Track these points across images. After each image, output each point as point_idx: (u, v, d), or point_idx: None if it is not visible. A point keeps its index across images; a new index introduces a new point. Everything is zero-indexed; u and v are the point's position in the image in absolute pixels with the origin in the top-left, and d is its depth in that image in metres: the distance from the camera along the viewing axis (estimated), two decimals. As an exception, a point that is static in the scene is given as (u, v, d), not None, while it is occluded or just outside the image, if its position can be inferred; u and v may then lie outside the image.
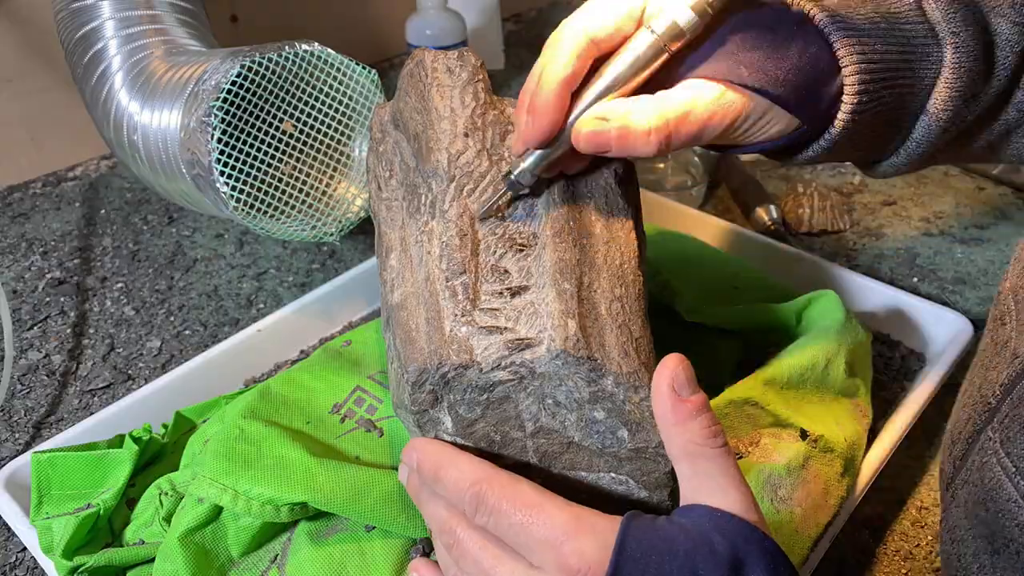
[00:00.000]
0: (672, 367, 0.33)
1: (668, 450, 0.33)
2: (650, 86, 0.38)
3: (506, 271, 0.38)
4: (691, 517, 0.31)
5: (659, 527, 0.31)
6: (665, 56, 0.37)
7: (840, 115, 0.40)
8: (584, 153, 0.38)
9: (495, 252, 0.39)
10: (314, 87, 0.58)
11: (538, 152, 0.38)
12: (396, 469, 0.44)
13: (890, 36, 0.40)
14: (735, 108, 0.38)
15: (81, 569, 0.43)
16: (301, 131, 0.58)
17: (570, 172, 0.41)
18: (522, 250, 0.39)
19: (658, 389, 0.33)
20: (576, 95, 0.37)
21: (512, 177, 0.39)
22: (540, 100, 0.37)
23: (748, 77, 0.37)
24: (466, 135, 0.42)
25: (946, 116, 0.41)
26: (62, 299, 0.72)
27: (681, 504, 0.33)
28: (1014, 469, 0.34)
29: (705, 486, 0.32)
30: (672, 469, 0.36)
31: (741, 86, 0.38)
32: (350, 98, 0.59)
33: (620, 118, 0.36)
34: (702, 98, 0.37)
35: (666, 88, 0.38)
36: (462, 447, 0.37)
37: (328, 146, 0.60)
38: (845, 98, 0.39)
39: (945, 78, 0.40)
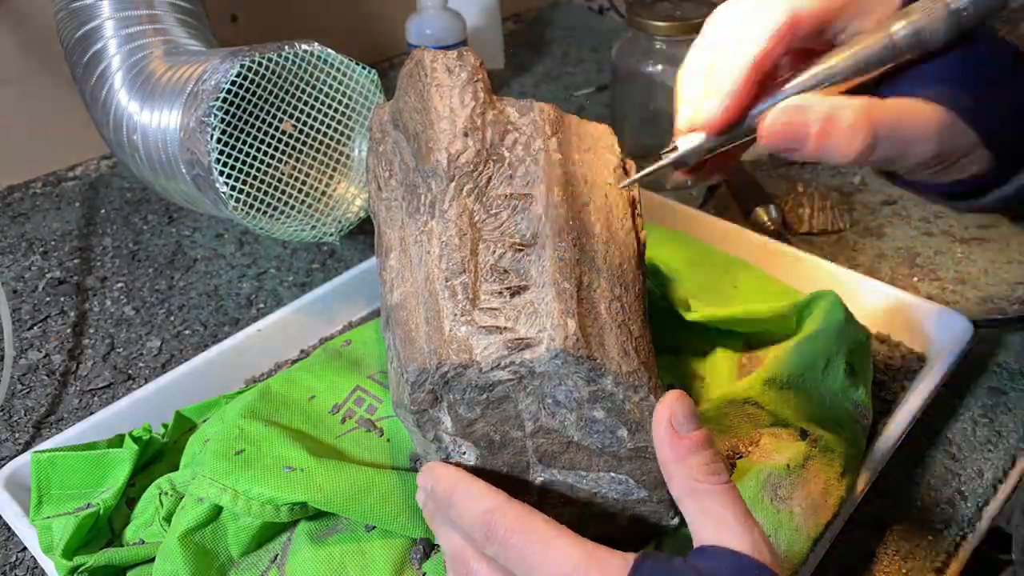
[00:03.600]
0: (670, 403, 0.32)
1: (671, 489, 0.32)
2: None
3: (506, 271, 0.38)
4: (706, 559, 0.30)
5: (674, 569, 0.30)
6: (894, 63, 0.34)
7: None
8: (766, 146, 0.34)
9: (495, 252, 0.39)
10: (314, 87, 0.58)
11: (704, 136, 0.36)
12: (396, 469, 0.44)
13: None
14: (952, 135, 0.34)
15: (81, 569, 0.43)
16: (301, 131, 0.58)
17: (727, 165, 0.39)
18: (522, 250, 0.39)
19: (657, 427, 0.32)
20: (765, 83, 0.35)
21: (678, 155, 0.37)
22: (721, 79, 0.33)
23: (969, 108, 0.34)
24: (465, 135, 0.42)
25: None
26: (62, 299, 0.72)
27: (694, 544, 0.31)
28: None
29: (713, 525, 0.31)
30: None
31: (961, 116, 0.34)
32: (350, 98, 0.59)
33: (824, 111, 0.32)
34: (920, 113, 0.34)
35: None
36: (479, 472, 0.37)
37: (328, 146, 0.60)
38: None
39: None
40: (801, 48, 0.36)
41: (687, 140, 0.36)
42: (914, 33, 0.34)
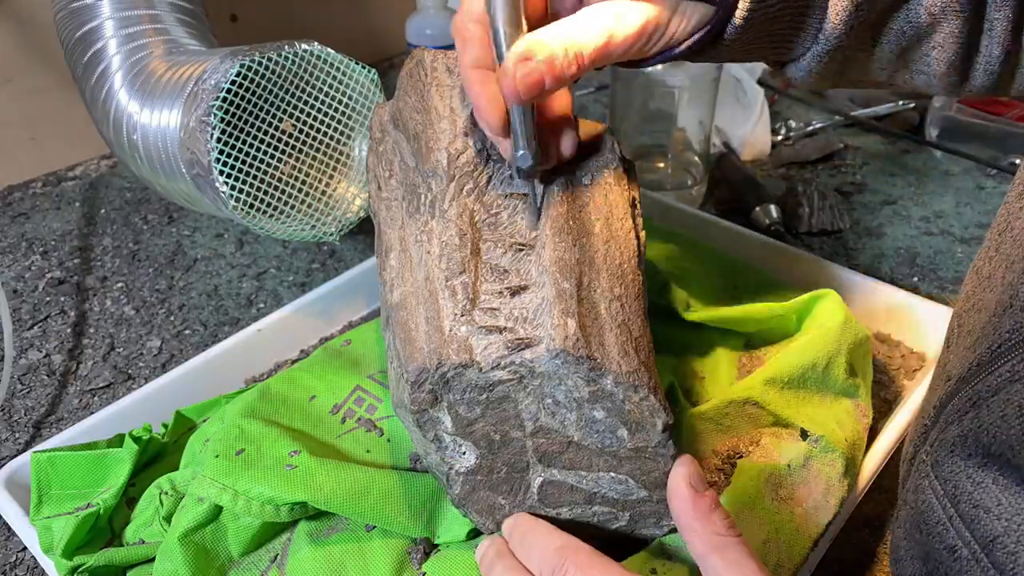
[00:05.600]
0: (688, 466, 0.34)
1: (692, 548, 0.34)
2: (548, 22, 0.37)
3: (506, 270, 0.38)
4: None
5: None
6: None
7: None
8: (524, 102, 0.36)
9: (495, 251, 0.39)
10: (314, 87, 0.58)
11: (513, 135, 0.38)
12: (396, 469, 0.44)
13: None
14: (643, 15, 0.37)
15: (81, 569, 0.43)
16: (301, 131, 0.58)
17: (565, 151, 0.40)
18: (522, 249, 0.39)
19: (676, 488, 0.34)
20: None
21: (521, 168, 0.38)
22: (471, 95, 0.37)
23: None
24: (466, 135, 0.42)
25: None
26: (62, 299, 0.72)
27: None
28: (942, 491, 0.33)
29: (739, 573, 0.32)
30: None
31: None
32: (350, 98, 0.59)
33: (541, 48, 0.35)
34: (604, 17, 0.37)
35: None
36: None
37: (328, 146, 0.60)
38: None
39: None
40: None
41: (519, 156, 0.38)
42: None
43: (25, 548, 0.51)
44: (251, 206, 0.56)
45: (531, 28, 0.36)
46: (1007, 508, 0.30)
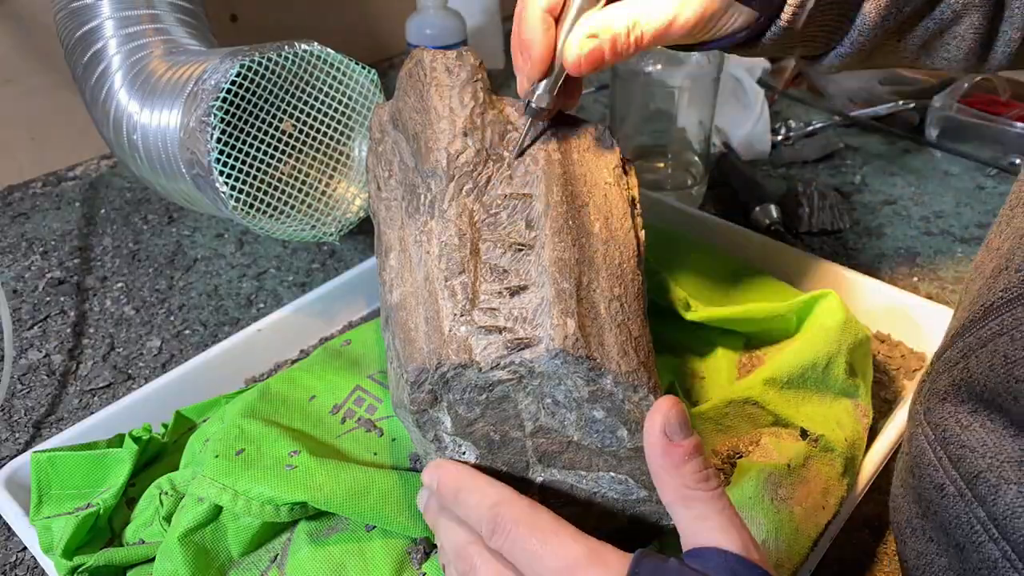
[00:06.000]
0: (664, 411, 0.32)
1: (662, 496, 0.33)
2: None
3: (505, 271, 0.38)
4: (701, 560, 0.31)
5: (670, 568, 0.30)
6: None
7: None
8: (582, 73, 0.41)
9: (494, 251, 0.39)
10: (314, 87, 0.58)
11: (544, 81, 0.41)
12: (396, 469, 0.44)
13: None
14: (703, 4, 0.41)
15: (81, 569, 0.43)
16: (301, 131, 0.58)
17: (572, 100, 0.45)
18: (521, 249, 0.39)
19: (650, 434, 0.32)
20: (558, 22, 0.41)
21: (532, 106, 0.42)
22: (527, 35, 0.40)
23: None
24: (465, 135, 0.42)
25: (884, 2, 0.43)
26: (62, 299, 0.72)
27: (683, 548, 0.32)
28: (933, 436, 0.36)
29: (705, 527, 0.31)
30: None
31: None
32: (350, 98, 0.59)
33: (607, 29, 0.39)
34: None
35: None
36: (484, 470, 0.37)
37: (328, 146, 0.60)
38: None
39: None
40: None
41: (538, 96, 0.42)
42: None
43: (25, 548, 0.51)
44: (251, 206, 0.56)
45: None
46: (991, 447, 0.33)
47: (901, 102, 1.00)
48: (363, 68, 0.58)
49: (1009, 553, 0.32)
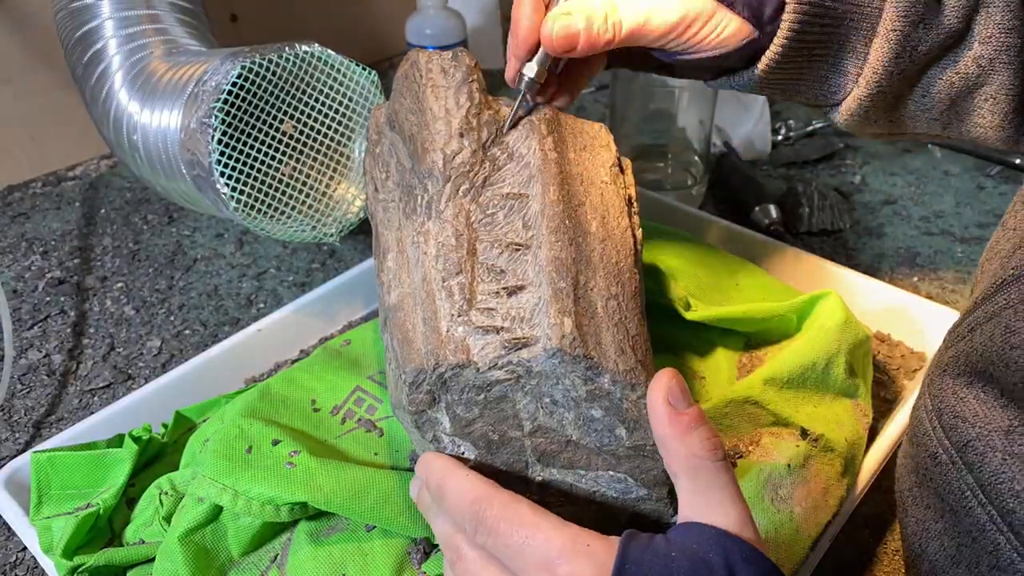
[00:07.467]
0: (666, 381, 0.32)
1: (668, 465, 0.33)
2: None
3: (502, 270, 0.38)
4: (688, 536, 0.31)
5: (656, 548, 0.30)
6: None
7: (786, 15, 0.42)
8: (552, 53, 0.41)
9: (491, 252, 0.39)
10: (314, 88, 0.58)
11: (529, 62, 0.43)
12: (396, 469, 0.44)
13: None
14: (683, 8, 0.41)
15: (81, 569, 0.43)
16: (301, 132, 0.58)
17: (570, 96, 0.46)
18: (518, 249, 0.39)
19: (654, 404, 0.32)
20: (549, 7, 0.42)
21: (527, 78, 0.42)
22: (515, 13, 0.42)
23: None
24: (461, 135, 0.42)
25: (895, 37, 0.42)
26: (62, 299, 0.72)
27: (679, 519, 0.32)
28: (931, 407, 0.38)
29: (705, 502, 0.31)
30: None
31: None
32: (350, 99, 0.59)
33: (583, 8, 0.40)
34: None
35: None
36: (478, 469, 0.37)
37: (328, 147, 0.60)
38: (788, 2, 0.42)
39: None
40: None
41: (528, 66, 0.43)
42: None
43: (25, 548, 0.51)
44: (252, 207, 0.56)
45: None
46: (981, 418, 0.35)
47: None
48: (363, 69, 0.58)
49: (995, 516, 0.34)
